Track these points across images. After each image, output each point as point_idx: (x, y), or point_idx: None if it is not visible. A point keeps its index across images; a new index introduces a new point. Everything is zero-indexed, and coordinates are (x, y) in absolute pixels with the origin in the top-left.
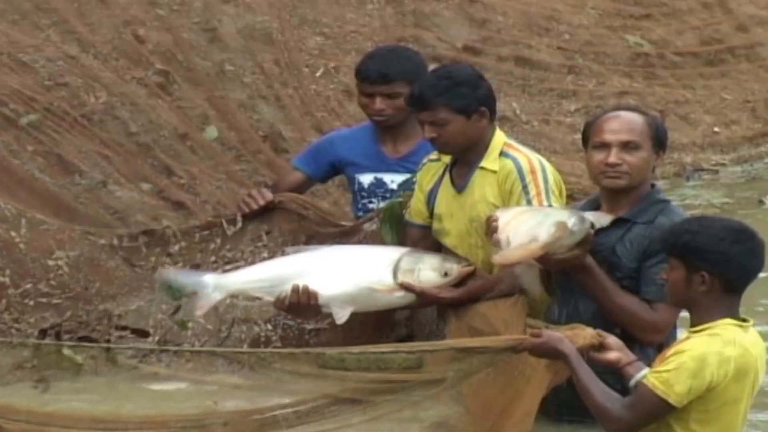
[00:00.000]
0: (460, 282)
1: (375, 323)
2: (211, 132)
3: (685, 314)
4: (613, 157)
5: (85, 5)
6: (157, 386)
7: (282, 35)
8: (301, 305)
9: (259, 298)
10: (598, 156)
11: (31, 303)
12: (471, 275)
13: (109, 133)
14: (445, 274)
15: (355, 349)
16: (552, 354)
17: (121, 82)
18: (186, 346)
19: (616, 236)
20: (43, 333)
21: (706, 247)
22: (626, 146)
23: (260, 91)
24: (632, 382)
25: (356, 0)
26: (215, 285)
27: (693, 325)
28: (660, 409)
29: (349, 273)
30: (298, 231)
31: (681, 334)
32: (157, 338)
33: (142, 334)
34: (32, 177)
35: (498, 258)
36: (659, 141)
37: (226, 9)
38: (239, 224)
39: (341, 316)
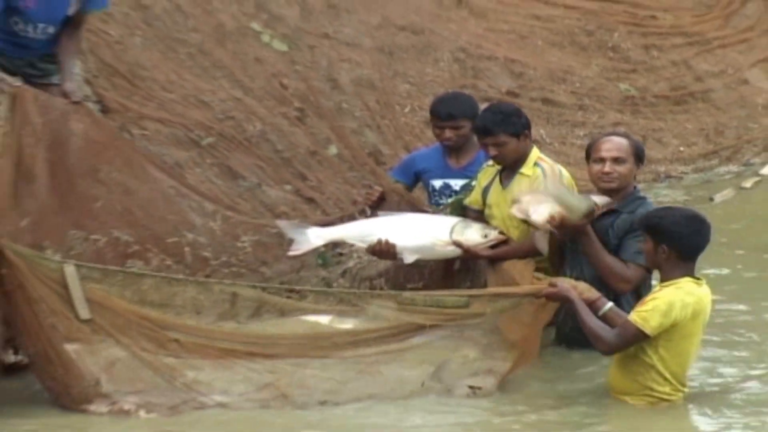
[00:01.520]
0: (495, 245)
1: (442, 278)
2: (332, 150)
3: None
4: (607, 167)
5: (247, 63)
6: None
7: (381, 83)
8: (383, 252)
9: (352, 245)
10: (597, 167)
11: (226, 271)
12: (503, 241)
13: (263, 150)
14: (485, 237)
15: (422, 293)
16: (562, 299)
17: (271, 115)
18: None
19: (608, 222)
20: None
21: (666, 228)
22: (616, 160)
23: (366, 122)
24: (601, 312)
25: (432, 59)
26: (316, 235)
27: (662, 281)
28: (638, 338)
29: (418, 231)
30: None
31: (655, 287)
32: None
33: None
34: (210, 181)
35: (526, 212)
36: (639, 157)
37: (342, 65)
38: (368, 212)
39: (409, 260)
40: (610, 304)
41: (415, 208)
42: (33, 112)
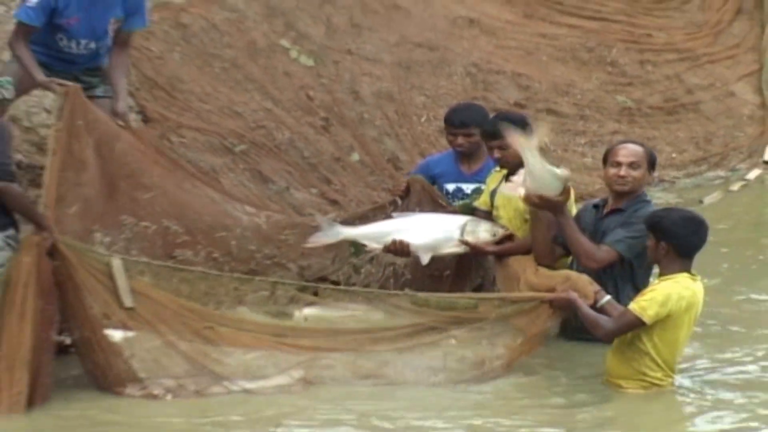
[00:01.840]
0: (501, 241)
1: (457, 272)
2: (354, 156)
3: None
4: (623, 171)
5: (276, 76)
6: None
7: (399, 95)
8: (398, 251)
9: (369, 246)
10: (613, 170)
11: (268, 262)
12: (509, 238)
13: (291, 157)
14: (494, 235)
15: (436, 294)
16: (565, 303)
17: (299, 124)
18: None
19: (614, 220)
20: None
21: (666, 227)
22: (631, 165)
23: (385, 130)
24: (599, 304)
25: (446, 73)
26: (340, 231)
27: (660, 275)
28: (635, 325)
29: (430, 231)
30: (422, 203)
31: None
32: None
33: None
34: (242, 185)
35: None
36: (651, 164)
37: (364, 78)
38: (399, 202)
39: (424, 259)
40: (608, 297)
41: (434, 198)
42: (82, 111)
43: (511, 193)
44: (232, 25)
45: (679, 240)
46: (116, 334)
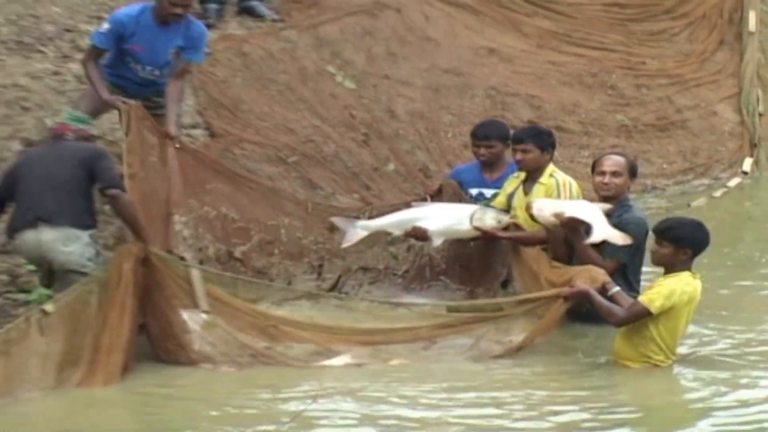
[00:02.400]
0: (506, 228)
1: (483, 269)
2: (390, 166)
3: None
4: (606, 179)
5: (324, 98)
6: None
7: (429, 114)
8: (416, 235)
9: (391, 233)
10: (598, 178)
11: (314, 248)
12: (516, 226)
13: (336, 167)
14: (499, 222)
15: (467, 302)
16: (581, 295)
17: (343, 139)
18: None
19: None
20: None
21: (689, 237)
22: (614, 174)
23: (417, 144)
24: (609, 293)
25: (469, 95)
26: (362, 225)
27: (666, 273)
28: (644, 315)
29: (443, 218)
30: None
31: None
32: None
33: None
34: (294, 191)
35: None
36: (632, 172)
37: (399, 99)
38: (428, 200)
39: (437, 242)
40: (617, 288)
41: (462, 199)
42: (144, 122)
43: (544, 214)
44: (286, 53)
45: (699, 246)
46: (193, 326)
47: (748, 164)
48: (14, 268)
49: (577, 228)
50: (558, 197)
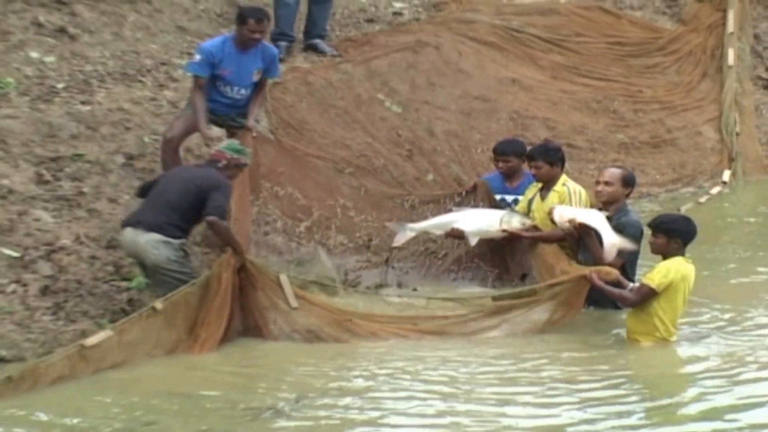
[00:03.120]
0: (529, 230)
1: (510, 255)
2: (429, 176)
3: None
4: (600, 187)
5: (375, 119)
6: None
7: (462, 133)
8: (454, 236)
9: (433, 233)
10: (597, 187)
11: (364, 225)
12: (535, 228)
13: (384, 177)
14: (523, 224)
15: (507, 291)
16: (595, 283)
17: (390, 154)
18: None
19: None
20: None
21: (679, 229)
22: (606, 183)
23: (452, 158)
24: (628, 288)
25: (495, 118)
26: (410, 228)
27: (663, 259)
28: (649, 294)
29: (477, 221)
30: (483, 200)
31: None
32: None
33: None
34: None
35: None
36: (625, 182)
37: (437, 121)
38: (463, 194)
39: (473, 241)
40: (631, 284)
41: (490, 199)
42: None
43: (561, 216)
44: (343, 83)
45: (689, 236)
46: (276, 320)
47: (727, 175)
48: (118, 260)
49: (588, 230)
50: (569, 203)
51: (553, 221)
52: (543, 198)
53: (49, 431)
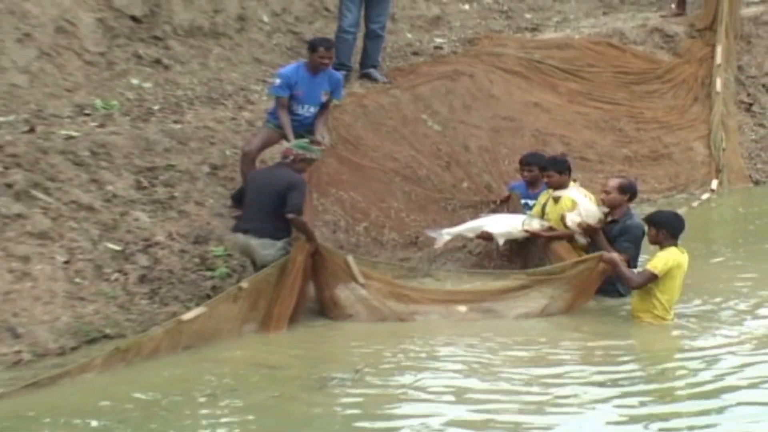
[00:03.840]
0: (549, 230)
1: (526, 252)
2: (465, 184)
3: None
4: (602, 195)
5: (419, 136)
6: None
7: (492, 148)
8: (484, 237)
9: (466, 236)
10: (601, 195)
11: (414, 225)
12: (550, 228)
13: (426, 185)
14: (542, 226)
15: (540, 268)
16: (611, 262)
17: (431, 165)
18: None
19: (612, 226)
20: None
21: (664, 221)
22: (606, 192)
23: (483, 169)
24: (636, 271)
25: (520, 135)
26: (446, 232)
27: (660, 249)
28: (651, 278)
29: (503, 224)
30: (514, 209)
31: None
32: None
33: None
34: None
35: (574, 221)
36: (622, 190)
37: (471, 138)
38: (498, 202)
39: (501, 242)
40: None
41: (519, 208)
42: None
43: (573, 221)
44: (393, 105)
45: (673, 228)
46: (345, 295)
47: (714, 184)
48: (203, 253)
49: (595, 231)
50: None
51: (566, 225)
52: (555, 201)
53: (154, 390)
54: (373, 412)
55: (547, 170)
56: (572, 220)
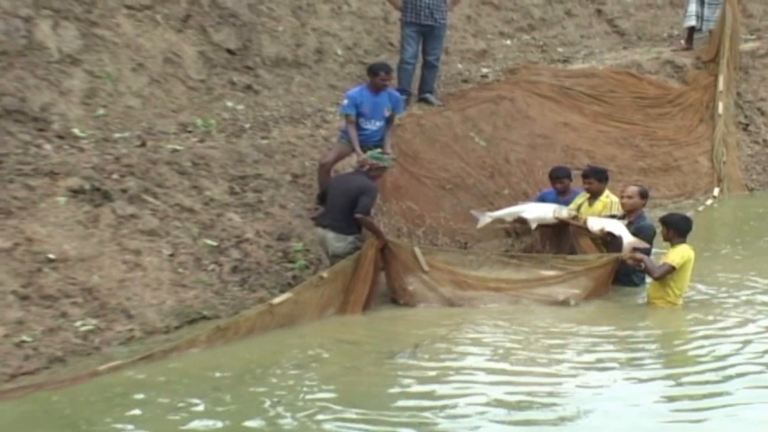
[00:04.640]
0: (574, 219)
1: (557, 246)
2: (506, 191)
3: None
4: (624, 200)
5: (467, 150)
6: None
7: (529, 161)
8: (520, 222)
9: (505, 220)
10: (622, 200)
11: (460, 232)
12: (576, 218)
13: (474, 192)
14: (570, 214)
15: (578, 256)
16: (641, 260)
17: (478, 175)
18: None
19: (630, 229)
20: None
21: (676, 222)
22: (628, 197)
23: (522, 179)
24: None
25: (552, 150)
26: (488, 215)
27: (672, 246)
28: (670, 270)
29: (537, 211)
30: None
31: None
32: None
33: None
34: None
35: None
36: (642, 195)
37: (511, 152)
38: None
39: (533, 226)
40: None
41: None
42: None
43: (594, 226)
44: (445, 124)
45: (683, 228)
46: (414, 283)
47: (716, 192)
48: (286, 248)
49: (613, 236)
50: (611, 210)
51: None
52: (590, 204)
53: (248, 362)
54: (424, 385)
55: (588, 178)
56: (592, 225)
